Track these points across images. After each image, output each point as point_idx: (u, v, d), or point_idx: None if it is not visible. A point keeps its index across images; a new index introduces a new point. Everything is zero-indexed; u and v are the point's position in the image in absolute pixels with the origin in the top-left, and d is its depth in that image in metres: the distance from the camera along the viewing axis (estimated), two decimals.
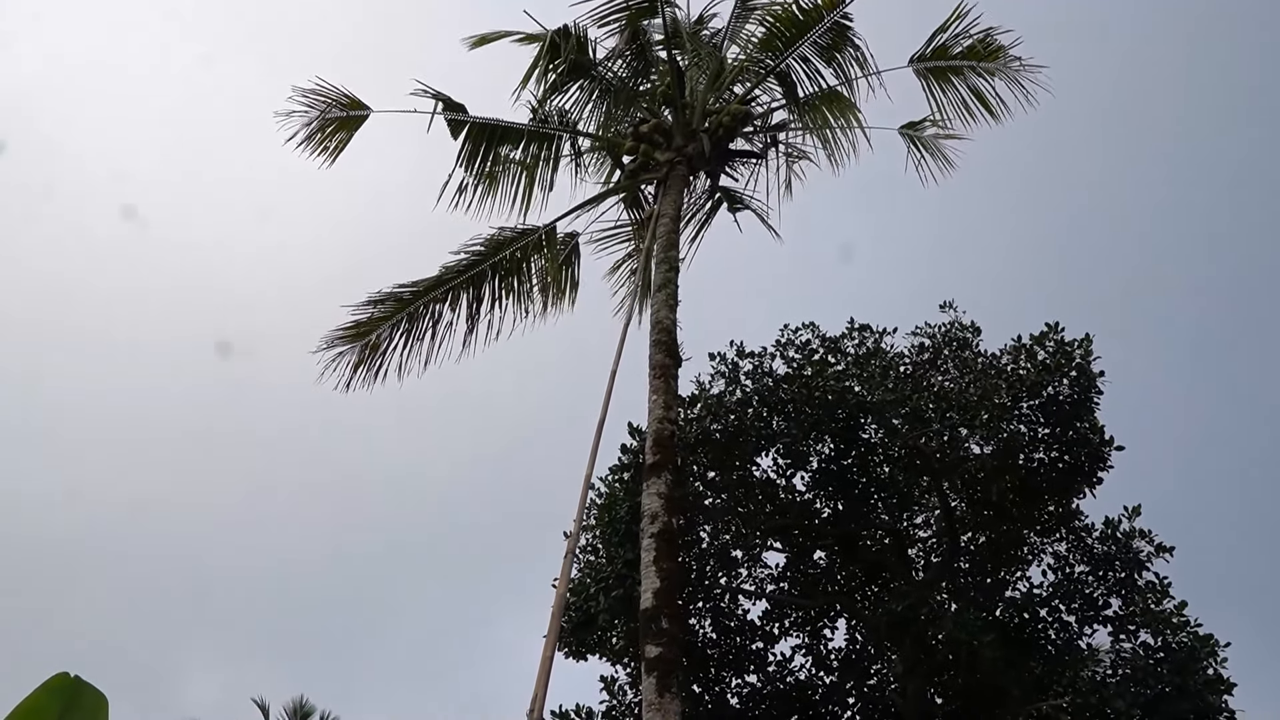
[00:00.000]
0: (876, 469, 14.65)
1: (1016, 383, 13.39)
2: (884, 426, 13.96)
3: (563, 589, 6.79)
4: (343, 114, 11.34)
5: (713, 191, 12.78)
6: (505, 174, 12.19)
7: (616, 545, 13.65)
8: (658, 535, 7.82)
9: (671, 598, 7.53)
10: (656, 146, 11.46)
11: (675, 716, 6.80)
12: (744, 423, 13.93)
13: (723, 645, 14.77)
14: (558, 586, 6.82)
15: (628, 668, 13.90)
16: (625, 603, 12.86)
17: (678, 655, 7.21)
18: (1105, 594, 13.84)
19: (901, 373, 14.03)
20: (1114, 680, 12.71)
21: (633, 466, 13.91)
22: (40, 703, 3.85)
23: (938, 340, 14.38)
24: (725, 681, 14.73)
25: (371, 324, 11.09)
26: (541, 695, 5.96)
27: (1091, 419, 13.49)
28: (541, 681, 6.01)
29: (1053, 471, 13.74)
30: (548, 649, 6.25)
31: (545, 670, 6.11)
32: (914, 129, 12.32)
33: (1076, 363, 13.35)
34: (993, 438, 13.62)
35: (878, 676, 14.98)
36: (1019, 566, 14.69)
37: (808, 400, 13.80)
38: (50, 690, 3.89)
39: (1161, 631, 12.89)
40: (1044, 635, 14.14)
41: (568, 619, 14.00)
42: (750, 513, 14.76)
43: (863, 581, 15.45)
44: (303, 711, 28.76)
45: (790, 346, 14.36)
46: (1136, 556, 13.62)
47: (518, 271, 11.76)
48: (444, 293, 11.35)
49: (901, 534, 15.29)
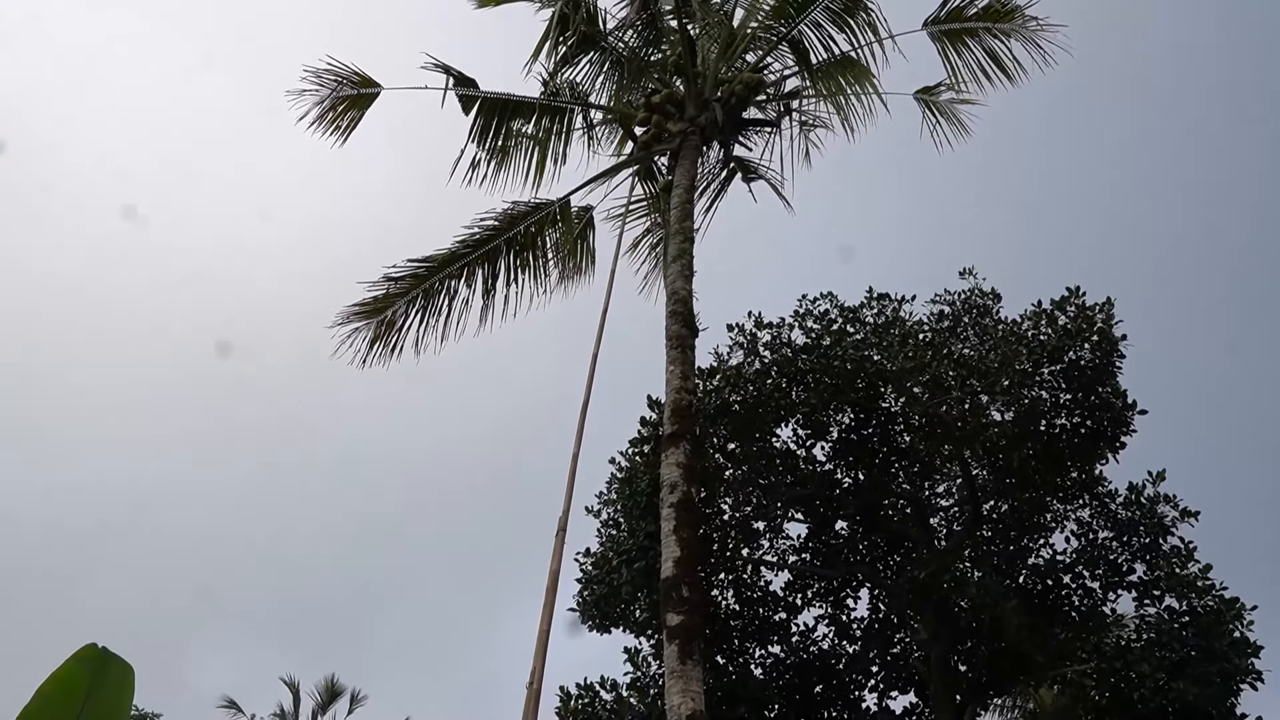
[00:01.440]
0: (897, 438, 14.61)
1: (1038, 348, 13.28)
2: (904, 395, 13.91)
3: (555, 565, 6.84)
4: (354, 92, 11.30)
5: (726, 161, 12.67)
6: (518, 148, 12.13)
7: (638, 518, 13.71)
8: (677, 505, 7.83)
9: (692, 566, 7.54)
10: (669, 117, 11.36)
11: (697, 683, 6.82)
12: (763, 394, 13.91)
13: (745, 616, 14.83)
14: (550, 563, 6.87)
15: (651, 639, 13.99)
16: (647, 575, 12.92)
17: (699, 623, 7.23)
18: (1129, 559, 13.78)
19: (921, 341, 13.94)
20: (1138, 645, 12.68)
21: (652, 439, 13.94)
22: (71, 673, 3.94)
23: (957, 307, 14.28)
24: (749, 652, 14.80)
25: (387, 300, 11.09)
26: (540, 667, 6.05)
27: (1114, 383, 13.38)
28: (540, 654, 6.10)
29: (1075, 437, 13.65)
30: (544, 623, 6.33)
31: (543, 643, 6.20)
32: (929, 94, 12.16)
33: (1098, 327, 13.23)
34: (1014, 404, 13.53)
35: (901, 645, 15.01)
36: (1042, 533, 14.64)
37: (827, 370, 13.76)
38: (80, 661, 3.98)
39: (1186, 595, 12.84)
40: (1068, 601, 14.13)
41: (591, 592, 14.10)
42: (771, 484, 14.77)
43: (885, 551, 15.44)
44: (333, 691, 29.18)
45: (809, 316, 14.30)
46: (1161, 521, 13.54)
47: (533, 246, 11.72)
48: (459, 268, 11.33)
49: (923, 503, 15.26)
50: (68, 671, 3.92)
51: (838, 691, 14.77)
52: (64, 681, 3.88)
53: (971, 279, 14.44)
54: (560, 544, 7.06)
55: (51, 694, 3.82)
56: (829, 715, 14.60)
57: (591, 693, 13.33)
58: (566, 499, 7.38)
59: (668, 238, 10.38)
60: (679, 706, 6.65)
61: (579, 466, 7.77)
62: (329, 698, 29.09)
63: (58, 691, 3.86)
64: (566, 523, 7.21)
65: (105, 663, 3.96)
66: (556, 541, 7.04)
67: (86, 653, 3.98)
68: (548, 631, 6.41)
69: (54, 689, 3.87)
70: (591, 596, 14.06)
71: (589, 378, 8.55)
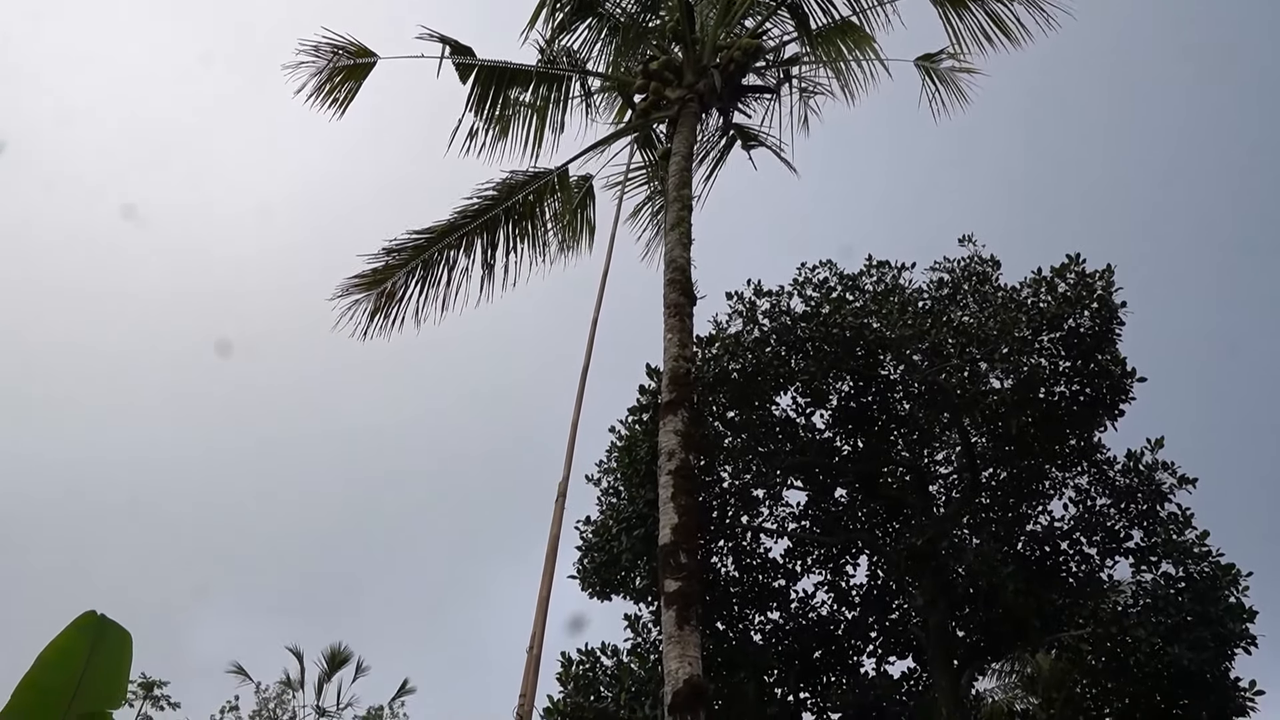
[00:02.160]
0: (896, 406, 14.64)
1: (1037, 316, 13.26)
2: (903, 363, 13.92)
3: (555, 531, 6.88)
4: (350, 62, 11.22)
5: (726, 129, 12.61)
6: (516, 117, 12.07)
7: (637, 486, 13.77)
8: (675, 472, 7.85)
9: (690, 533, 7.57)
10: (667, 84, 11.28)
11: (695, 648, 6.88)
12: (762, 362, 13.92)
13: (745, 583, 14.93)
14: (550, 529, 6.91)
15: (651, 606, 14.10)
16: (647, 542, 13.01)
17: (697, 589, 7.28)
18: (1127, 526, 13.86)
19: (920, 308, 13.93)
20: (1135, 610, 12.78)
21: (651, 408, 13.97)
22: (71, 639, 4.02)
23: (957, 275, 14.24)
24: (748, 619, 14.92)
25: (387, 271, 11.07)
26: (540, 632, 6.11)
27: (1113, 351, 13.38)
28: (540, 619, 6.16)
29: (1074, 405, 13.67)
30: (544, 588, 6.38)
31: (543, 608, 6.26)
32: (930, 61, 12.07)
33: (1098, 294, 13.19)
34: (1013, 372, 13.54)
35: (899, 611, 15.12)
36: (1040, 500, 14.70)
37: (826, 338, 13.76)
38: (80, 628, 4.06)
39: (1183, 561, 12.93)
40: (1065, 568, 14.22)
41: (591, 559, 14.20)
42: (770, 452, 14.81)
43: (884, 518, 15.52)
44: (339, 658, 29.47)
45: (808, 284, 14.28)
46: (1159, 488, 13.60)
47: (531, 215, 11.69)
48: (458, 238, 11.30)
49: (922, 470, 15.31)
50: (68, 638, 4.00)
51: (836, 657, 14.91)
52: (64, 648, 3.96)
53: (971, 246, 14.40)
54: (560, 510, 7.09)
55: (52, 660, 3.89)
56: (828, 680, 14.75)
57: (592, 658, 13.46)
58: (566, 465, 7.41)
59: (666, 206, 10.35)
60: (676, 671, 6.71)
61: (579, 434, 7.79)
62: (334, 665, 29.38)
63: (58, 657, 3.94)
64: (566, 489, 7.24)
65: (103, 629, 4.04)
66: (556, 507, 7.07)
67: (85, 620, 4.06)
68: (548, 597, 6.47)
69: (55, 655, 3.95)
70: (591, 564, 14.16)
71: (589, 345, 8.57)
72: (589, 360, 8.30)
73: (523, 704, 5.73)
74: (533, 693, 5.80)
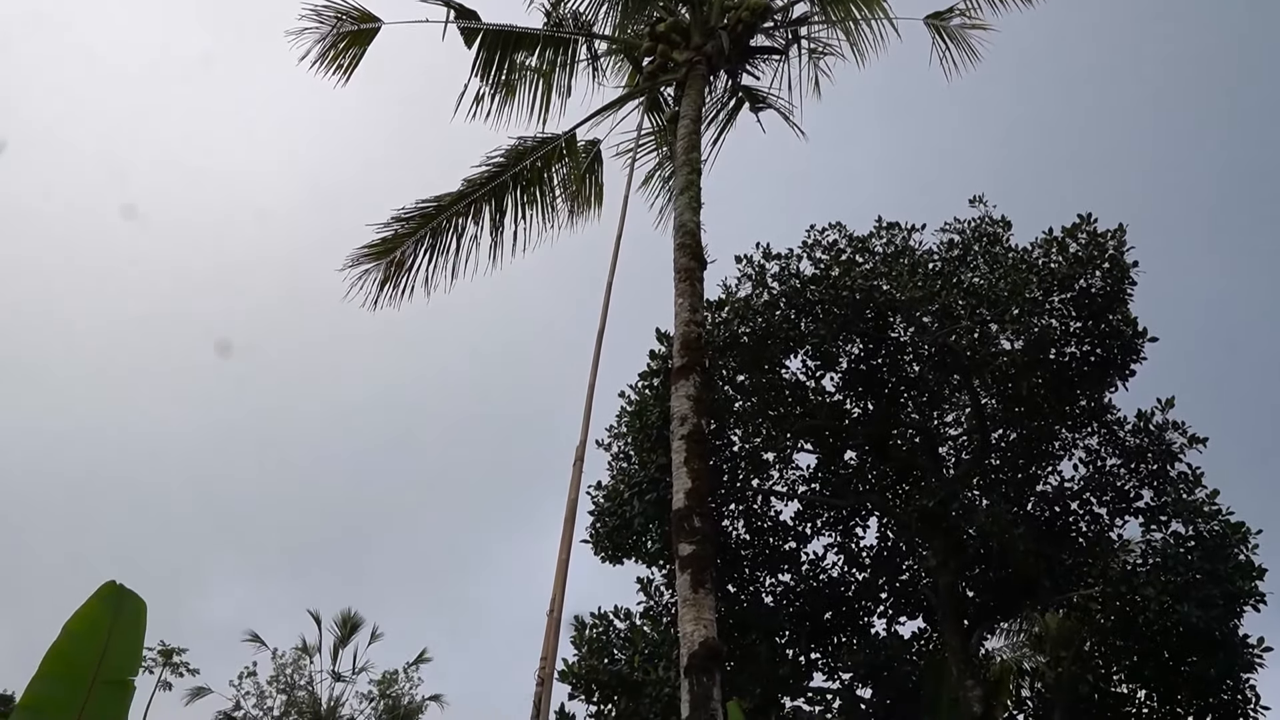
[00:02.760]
0: (906, 368, 14.62)
1: (1048, 276, 13.19)
2: (913, 325, 13.88)
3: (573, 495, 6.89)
4: (354, 28, 11.11)
5: (734, 91, 12.48)
6: (522, 82, 11.95)
7: (649, 451, 13.82)
8: (687, 437, 7.87)
9: (702, 497, 7.61)
10: (674, 46, 11.15)
11: (709, 611, 6.93)
12: (772, 325, 13.90)
13: (756, 546, 15.03)
14: (569, 493, 6.92)
15: (663, 569, 14.21)
16: (659, 506, 13.09)
17: (710, 553, 7.32)
18: (1137, 486, 13.88)
19: (931, 270, 13.85)
20: (1144, 569, 12.84)
21: (662, 372, 13.99)
22: (94, 610, 4.10)
23: (967, 236, 14.14)
24: (759, 581, 15.03)
25: (396, 240, 11.03)
26: (560, 594, 6.15)
27: (1124, 311, 13.31)
28: (559, 582, 6.19)
29: (1084, 365, 13.63)
30: (563, 551, 6.41)
31: (562, 571, 6.29)
32: (940, 19, 11.90)
33: (1109, 254, 13.11)
34: (1024, 333, 13.50)
35: (909, 572, 15.22)
36: (1050, 461, 14.72)
37: (836, 301, 13.72)
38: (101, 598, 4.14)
39: (1193, 520, 12.96)
40: (1075, 528, 14.27)
41: (603, 524, 14.29)
42: (780, 415, 14.84)
43: (894, 480, 15.57)
44: (352, 623, 29.86)
45: (817, 247, 14.21)
46: (1169, 448, 13.60)
47: (539, 181, 11.61)
48: (466, 206, 11.24)
49: (932, 432, 15.33)
50: (91, 608, 4.08)
51: (847, 618, 15.04)
52: (88, 618, 4.04)
53: (982, 207, 14.29)
54: (578, 473, 7.07)
55: (77, 630, 3.97)
56: (839, 641, 14.89)
57: (605, 621, 13.60)
58: (583, 429, 7.36)
59: (675, 170, 10.28)
60: (691, 634, 6.78)
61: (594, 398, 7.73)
62: (348, 631, 29.78)
63: (83, 627, 4.01)
64: (584, 453, 7.22)
65: (121, 598, 4.12)
66: (574, 471, 7.05)
67: (106, 590, 4.14)
68: (567, 560, 6.49)
69: (79, 625, 4.03)
70: (604, 528, 14.25)
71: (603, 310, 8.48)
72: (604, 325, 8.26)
73: (544, 666, 5.79)
74: (554, 655, 5.87)
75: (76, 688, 3.80)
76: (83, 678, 3.82)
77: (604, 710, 12.94)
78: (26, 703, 3.74)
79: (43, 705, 3.77)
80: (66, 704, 3.76)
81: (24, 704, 3.75)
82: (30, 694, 3.76)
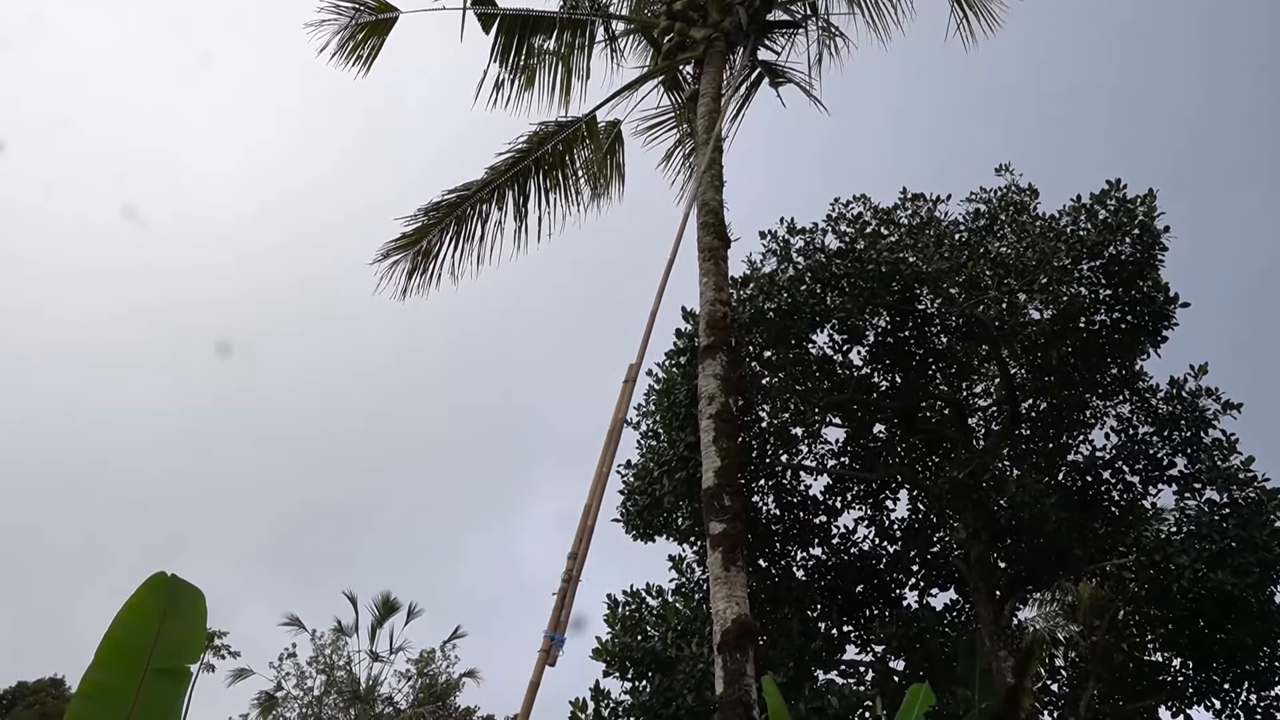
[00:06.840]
0: (934, 340, 14.56)
1: (1077, 244, 13.06)
2: (940, 296, 13.80)
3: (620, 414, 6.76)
4: (373, 18, 11.19)
5: (753, 66, 12.43)
6: (541, 65, 11.99)
7: (677, 429, 13.89)
8: (716, 416, 7.94)
9: (732, 475, 7.68)
10: (692, 23, 11.13)
11: (741, 588, 7.02)
12: (798, 300, 13.87)
13: (786, 520, 15.09)
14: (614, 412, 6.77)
15: (694, 546, 14.32)
16: (688, 484, 13.16)
17: (741, 530, 7.40)
18: (1170, 453, 13.76)
19: (957, 240, 13.75)
20: (1178, 537, 12.77)
21: (688, 351, 14.03)
22: (144, 600, 4.21)
23: (994, 205, 14.01)
24: (790, 555, 15.10)
25: (423, 231, 11.16)
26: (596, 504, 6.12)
27: (1155, 277, 13.16)
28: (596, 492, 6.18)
29: (1115, 333, 13.51)
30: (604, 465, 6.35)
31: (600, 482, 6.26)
32: None
33: (1139, 220, 12.94)
34: (1052, 302, 13.38)
35: (940, 544, 15.22)
36: (1081, 430, 14.63)
37: (861, 274, 13.67)
38: (151, 588, 4.25)
39: (1227, 487, 12.86)
40: (1107, 497, 14.19)
41: (634, 502, 14.40)
42: (808, 389, 14.84)
43: (923, 452, 15.54)
44: (388, 606, 30.35)
45: (842, 220, 14.14)
46: (1202, 415, 13.47)
47: (561, 165, 11.66)
48: (489, 192, 11.33)
49: (961, 404, 15.28)
50: (140, 599, 4.19)
51: (879, 590, 15.08)
52: (138, 608, 4.14)
53: (1008, 175, 14.15)
54: (629, 392, 6.96)
55: (129, 620, 4.08)
56: (871, 613, 14.95)
57: (638, 599, 13.73)
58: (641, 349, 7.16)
59: (696, 148, 10.29)
60: (724, 611, 6.87)
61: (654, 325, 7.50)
62: (385, 612, 30.24)
63: (134, 617, 4.12)
64: (637, 374, 7.09)
65: (176, 589, 4.23)
66: (625, 388, 6.96)
67: (156, 580, 4.24)
68: (607, 474, 6.36)
69: (130, 615, 4.14)
70: (635, 506, 14.36)
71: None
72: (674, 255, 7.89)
73: (571, 565, 5.83)
74: (583, 557, 5.90)
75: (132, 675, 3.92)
76: (137, 666, 3.94)
77: (638, 687, 13.09)
78: (85, 690, 3.88)
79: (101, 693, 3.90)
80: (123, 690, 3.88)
81: (82, 692, 3.89)
82: (87, 681, 3.90)
